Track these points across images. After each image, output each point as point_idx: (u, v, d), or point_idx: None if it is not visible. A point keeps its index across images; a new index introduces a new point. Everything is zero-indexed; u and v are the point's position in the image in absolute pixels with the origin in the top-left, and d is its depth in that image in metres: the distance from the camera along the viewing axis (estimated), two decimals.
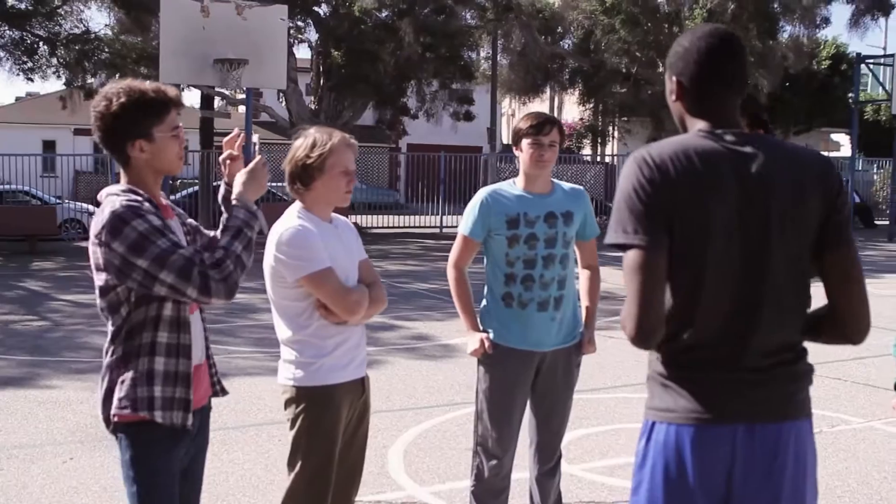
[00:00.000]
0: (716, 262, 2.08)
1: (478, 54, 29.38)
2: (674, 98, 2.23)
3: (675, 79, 2.21)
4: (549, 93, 35.04)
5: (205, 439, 2.92)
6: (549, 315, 3.78)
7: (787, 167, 2.13)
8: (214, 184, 19.62)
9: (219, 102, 24.32)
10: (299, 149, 3.15)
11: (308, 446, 3.14)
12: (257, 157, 2.89)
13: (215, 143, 22.21)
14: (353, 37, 22.52)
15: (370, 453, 3.46)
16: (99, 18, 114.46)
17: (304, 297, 3.13)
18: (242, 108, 21.62)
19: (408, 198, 32.27)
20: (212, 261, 2.57)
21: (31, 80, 24.13)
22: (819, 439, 2.24)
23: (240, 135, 3.04)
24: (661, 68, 26.11)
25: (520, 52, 28.77)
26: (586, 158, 34.60)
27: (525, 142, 3.76)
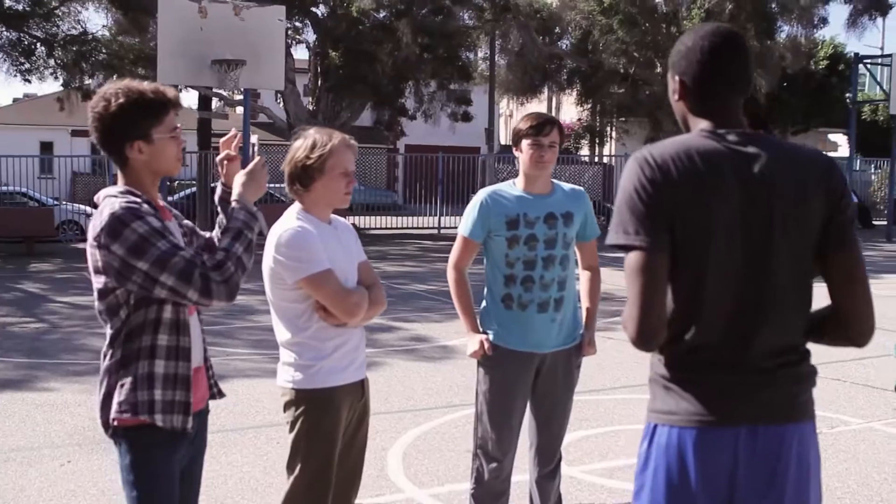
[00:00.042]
0: (718, 263, 2.06)
1: (475, 55, 29.39)
2: (676, 98, 2.22)
3: (678, 78, 2.19)
4: (546, 93, 35.07)
5: (203, 442, 2.91)
6: (549, 316, 3.77)
7: (790, 167, 2.11)
8: (212, 185, 19.61)
9: (216, 103, 24.28)
10: (299, 150, 3.13)
11: (307, 449, 3.13)
12: (256, 158, 2.87)
13: (213, 144, 22.18)
14: (350, 37, 22.51)
15: (369, 455, 3.44)
16: (96, 19, 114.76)
17: (303, 299, 3.11)
18: (240, 109, 21.60)
19: (406, 199, 32.25)
20: (213, 263, 2.55)
21: (29, 82, 24.16)
22: (819, 440, 2.22)
23: (237, 135, 3.03)
24: (659, 69, 26.19)
25: (517, 53, 28.79)
26: (584, 159, 34.58)
27: (525, 142, 3.74)
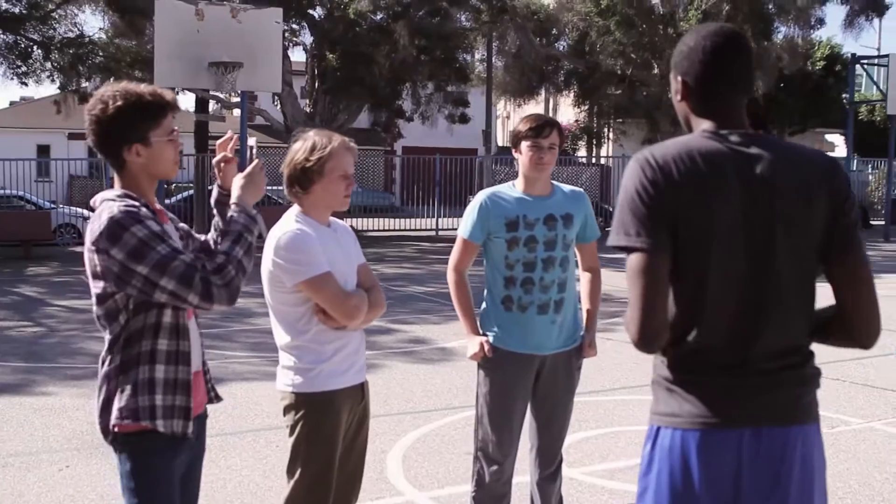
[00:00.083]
0: (720, 265, 2.05)
1: (473, 56, 29.37)
2: (679, 98, 2.20)
3: (681, 78, 2.18)
4: (544, 95, 35.09)
5: (202, 447, 2.89)
6: (549, 318, 3.75)
7: (793, 168, 2.10)
8: (209, 188, 19.58)
9: (213, 106, 24.26)
10: (298, 152, 3.11)
11: (308, 453, 3.11)
12: (255, 160, 2.86)
13: (210, 146, 22.17)
14: (347, 39, 22.51)
15: (368, 458, 3.42)
16: (93, 22, 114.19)
17: (302, 302, 3.09)
18: (237, 112, 21.55)
19: (403, 200, 32.23)
20: (213, 266, 2.53)
21: (26, 85, 24.06)
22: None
23: (233, 137, 3.01)
24: (657, 70, 26.21)
25: (515, 54, 28.81)
26: (581, 160, 34.58)
27: (524, 144, 3.73)
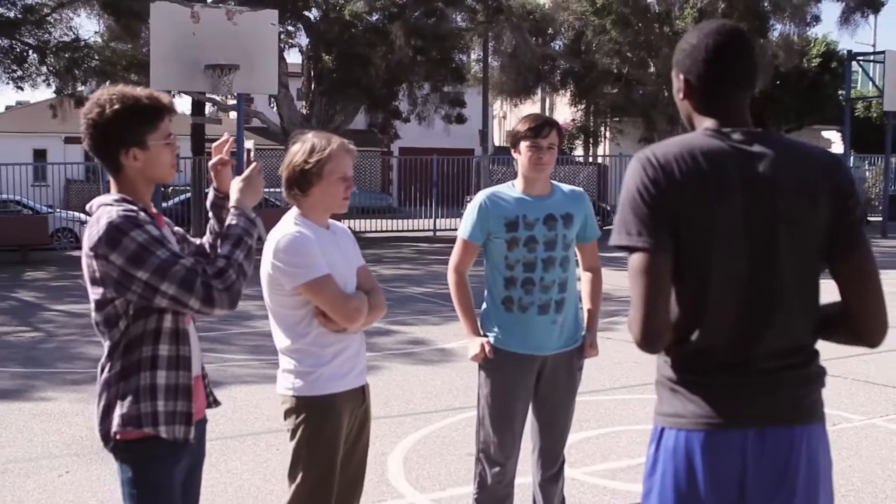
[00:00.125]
0: (722, 264, 2.03)
1: (469, 57, 29.38)
2: (681, 97, 2.19)
3: (683, 77, 2.16)
4: (540, 94, 35.08)
5: (202, 452, 2.87)
6: (550, 318, 3.74)
7: (796, 166, 2.08)
8: (206, 190, 19.58)
9: (210, 108, 24.26)
10: (297, 154, 3.09)
11: (309, 457, 3.09)
12: (253, 163, 2.84)
13: (207, 149, 22.13)
14: (343, 41, 22.50)
15: (369, 460, 3.40)
16: (88, 26, 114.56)
17: (302, 305, 3.08)
18: (234, 114, 21.56)
19: (401, 201, 32.24)
20: (214, 270, 2.51)
21: (21, 89, 24.04)
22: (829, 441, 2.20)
23: (229, 140, 2.99)
24: (653, 68, 26.22)
25: (511, 54, 28.80)
26: (578, 159, 34.59)
27: (523, 144, 3.71)
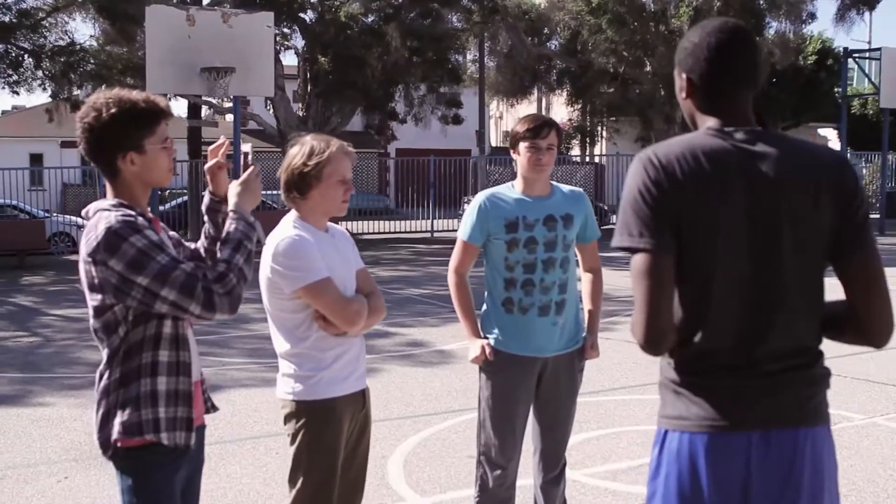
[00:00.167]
0: (725, 265, 2.02)
1: (465, 57, 29.39)
2: (684, 96, 2.17)
3: (685, 76, 2.14)
4: (536, 94, 35.09)
5: (201, 458, 2.85)
6: (550, 320, 3.72)
7: (800, 166, 2.06)
8: (203, 193, 19.56)
9: (206, 111, 24.22)
10: (296, 157, 3.07)
11: (309, 462, 3.07)
12: (251, 167, 2.82)
13: (203, 152, 22.11)
14: (339, 42, 22.47)
15: (369, 464, 3.38)
16: (84, 30, 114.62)
17: (301, 309, 3.06)
18: (230, 117, 21.53)
19: (398, 203, 32.23)
20: (214, 275, 2.49)
21: (17, 94, 24.10)
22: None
23: (225, 143, 2.97)
24: (649, 67, 26.21)
25: (507, 54, 28.82)
26: (575, 159, 34.60)
27: (522, 145, 3.69)
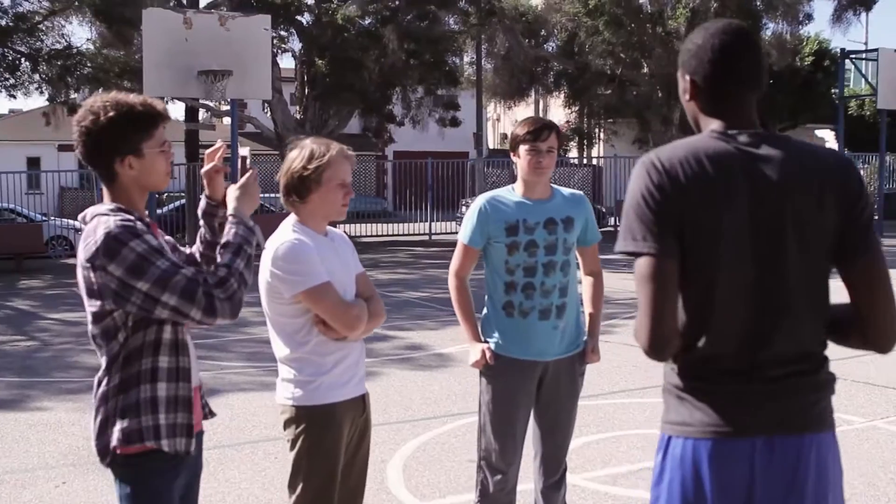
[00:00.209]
0: (728, 269, 2.00)
1: (462, 59, 29.38)
2: (687, 98, 2.15)
3: (689, 78, 2.13)
4: (534, 96, 35.08)
5: (199, 465, 2.83)
6: (551, 324, 3.70)
7: (804, 168, 2.05)
8: (200, 197, 19.53)
9: (203, 114, 24.20)
10: (295, 160, 3.05)
11: (309, 467, 3.05)
12: (249, 170, 2.80)
13: (201, 155, 22.05)
14: (336, 45, 22.44)
15: (369, 468, 3.36)
16: (81, 33, 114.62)
17: (301, 313, 3.03)
18: (227, 120, 21.53)
19: (396, 205, 32.22)
20: (215, 280, 2.47)
21: (14, 97, 24.03)
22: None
23: (222, 147, 2.95)
24: (646, 69, 26.21)
25: (504, 57, 28.83)
26: (573, 161, 34.59)
27: (522, 148, 3.68)
